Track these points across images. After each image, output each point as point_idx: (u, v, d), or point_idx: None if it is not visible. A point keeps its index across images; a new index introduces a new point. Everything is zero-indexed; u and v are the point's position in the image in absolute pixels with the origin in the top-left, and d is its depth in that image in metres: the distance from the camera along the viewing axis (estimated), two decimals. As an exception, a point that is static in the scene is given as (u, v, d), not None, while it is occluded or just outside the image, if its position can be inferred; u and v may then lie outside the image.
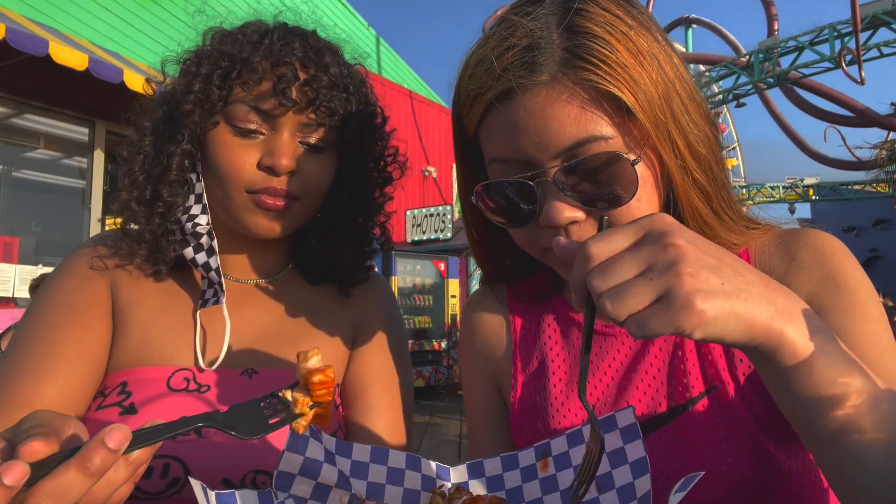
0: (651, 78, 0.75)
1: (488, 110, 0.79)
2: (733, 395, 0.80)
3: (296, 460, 0.73)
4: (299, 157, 1.02)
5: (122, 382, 0.98)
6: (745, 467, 0.77)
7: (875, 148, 14.97)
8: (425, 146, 14.53)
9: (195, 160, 1.04)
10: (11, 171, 7.49)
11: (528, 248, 0.86)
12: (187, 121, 1.01)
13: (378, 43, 15.14)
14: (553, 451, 0.78)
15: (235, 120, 1.00)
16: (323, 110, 1.01)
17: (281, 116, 1.00)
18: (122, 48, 7.88)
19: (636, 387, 0.86)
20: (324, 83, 1.01)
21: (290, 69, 0.99)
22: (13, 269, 6.53)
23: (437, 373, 10.90)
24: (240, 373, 1.02)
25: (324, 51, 1.05)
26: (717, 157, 0.84)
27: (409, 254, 11.56)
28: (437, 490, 0.77)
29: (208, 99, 1.00)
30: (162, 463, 0.89)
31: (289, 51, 1.01)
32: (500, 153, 0.80)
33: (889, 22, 11.01)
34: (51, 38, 5.96)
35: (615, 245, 0.58)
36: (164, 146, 1.03)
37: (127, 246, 1.04)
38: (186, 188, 1.05)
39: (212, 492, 0.64)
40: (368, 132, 1.12)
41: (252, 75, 0.99)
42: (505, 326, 1.03)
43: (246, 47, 1.01)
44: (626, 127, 0.75)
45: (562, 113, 0.74)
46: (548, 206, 0.77)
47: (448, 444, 6.87)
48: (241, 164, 0.99)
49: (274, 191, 0.99)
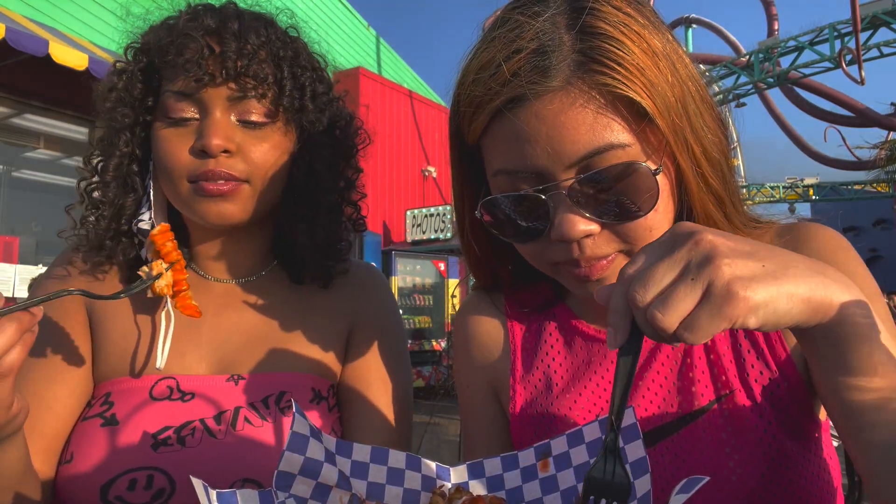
0: (667, 80, 0.71)
1: (495, 118, 0.74)
2: (744, 403, 0.79)
3: (296, 460, 0.73)
4: (236, 135, 0.97)
5: (106, 393, 0.97)
6: (754, 476, 0.76)
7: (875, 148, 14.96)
8: (425, 146, 14.51)
9: (146, 162, 1.03)
10: (11, 171, 7.49)
11: (536, 262, 0.82)
12: (116, 122, 0.99)
13: (378, 43, 15.13)
14: (553, 451, 0.78)
15: (167, 111, 0.97)
16: (245, 79, 0.96)
17: (203, 94, 0.95)
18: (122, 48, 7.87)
19: (643, 395, 0.85)
20: (235, 49, 0.95)
21: (196, 43, 0.94)
22: (13, 269, 6.53)
23: (437, 373, 10.89)
24: (226, 379, 1.00)
25: (234, 18, 0.99)
26: (729, 160, 0.81)
27: (409, 254, 11.55)
28: (437, 490, 0.77)
29: (131, 95, 0.98)
30: (146, 475, 0.88)
31: (195, 25, 0.96)
32: (507, 164, 0.75)
33: (889, 22, 11.00)
34: (51, 38, 5.96)
35: (649, 259, 0.56)
36: (107, 150, 1.02)
37: (86, 255, 1.03)
38: (134, 192, 1.03)
39: (213, 491, 0.64)
40: (311, 99, 1.04)
41: (164, 58, 0.96)
42: (503, 333, 0.99)
43: (160, 32, 0.99)
44: (643, 133, 0.71)
45: (576, 120, 0.69)
46: (560, 220, 0.72)
47: (448, 444, 6.87)
48: (176, 153, 0.95)
49: (212, 174, 0.94)
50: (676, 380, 0.83)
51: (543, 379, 0.93)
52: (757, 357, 0.81)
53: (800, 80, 13.70)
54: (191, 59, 0.93)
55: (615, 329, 0.58)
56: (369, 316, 1.13)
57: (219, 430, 0.94)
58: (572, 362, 0.92)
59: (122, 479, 0.88)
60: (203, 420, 0.94)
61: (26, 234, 7.31)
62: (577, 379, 0.90)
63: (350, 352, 1.11)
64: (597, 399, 0.88)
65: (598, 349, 0.90)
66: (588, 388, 0.88)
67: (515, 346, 0.97)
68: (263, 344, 1.04)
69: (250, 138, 0.98)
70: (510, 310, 1.00)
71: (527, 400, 0.93)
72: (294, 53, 1.03)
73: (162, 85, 0.99)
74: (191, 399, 0.96)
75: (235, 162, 0.96)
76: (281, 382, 1.02)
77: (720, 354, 0.82)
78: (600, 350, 0.89)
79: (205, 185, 0.95)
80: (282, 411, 0.98)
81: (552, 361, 0.93)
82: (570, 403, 0.88)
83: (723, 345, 0.82)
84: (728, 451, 0.77)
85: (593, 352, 0.90)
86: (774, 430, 0.77)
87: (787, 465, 0.77)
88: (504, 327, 1.00)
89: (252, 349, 1.04)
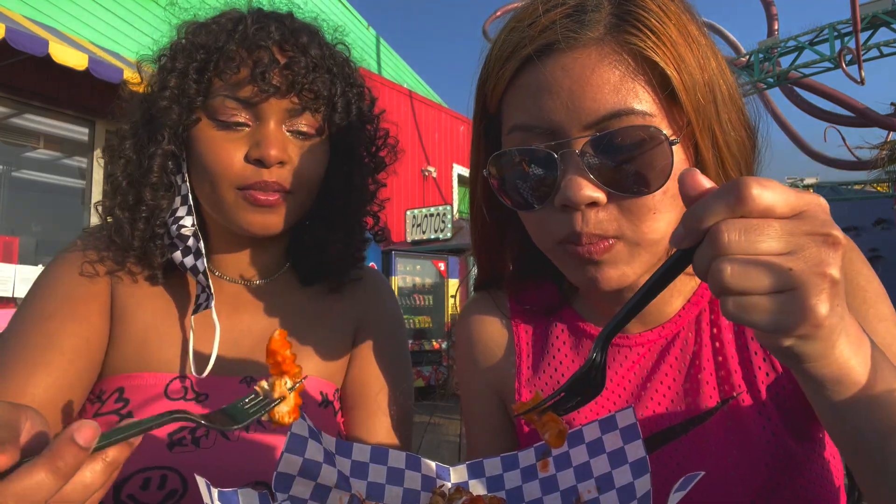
0: (698, 62, 0.71)
1: (521, 69, 0.74)
2: (750, 405, 0.78)
3: (295, 461, 0.73)
4: (289, 146, 0.97)
5: (119, 388, 0.95)
6: (760, 479, 0.76)
7: (875, 148, 14.93)
8: (425, 146, 14.51)
9: (180, 160, 1.00)
10: (11, 171, 7.48)
11: (540, 240, 0.80)
12: (165, 119, 0.96)
13: (378, 43, 15.11)
14: (553, 451, 0.78)
15: (217, 114, 0.95)
16: (306, 93, 0.96)
17: (263, 104, 0.95)
18: (122, 48, 7.86)
19: (651, 397, 0.84)
20: (304, 65, 0.95)
21: (267, 53, 0.94)
22: (13, 269, 6.52)
23: (437, 373, 10.88)
24: (239, 380, 1.00)
25: (301, 32, 1.00)
26: (750, 168, 0.79)
27: (409, 254, 11.54)
28: (437, 490, 0.77)
29: (185, 94, 0.96)
30: (160, 474, 0.88)
31: (264, 35, 0.96)
32: (524, 119, 0.74)
33: (889, 22, 10.99)
34: (51, 38, 5.95)
35: (776, 194, 0.47)
36: (145, 148, 0.99)
37: (115, 253, 1.00)
38: (171, 190, 1.01)
39: (214, 489, 0.64)
40: (357, 115, 1.06)
41: (229, 64, 0.94)
42: (507, 336, 0.97)
43: (221, 36, 0.97)
44: (667, 109, 0.71)
45: (602, 78, 0.69)
46: (567, 182, 0.70)
47: (448, 444, 6.86)
48: (227, 159, 0.94)
49: (265, 185, 0.94)
50: (685, 381, 0.83)
51: (551, 382, 0.92)
52: (763, 358, 0.80)
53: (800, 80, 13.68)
54: (259, 70, 0.93)
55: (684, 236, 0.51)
56: (375, 321, 1.14)
57: (231, 432, 0.94)
58: (580, 365, 0.90)
59: (136, 477, 0.87)
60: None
61: (26, 234, 7.30)
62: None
63: (355, 356, 1.11)
64: (605, 402, 0.87)
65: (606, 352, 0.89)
66: None
67: (521, 348, 0.96)
68: None
69: (299, 149, 0.99)
70: (515, 311, 0.98)
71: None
72: (346, 70, 1.05)
73: (213, 84, 0.97)
74: (205, 400, 0.96)
75: (286, 173, 0.96)
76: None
77: (728, 357, 0.81)
78: (609, 353, 0.87)
79: (256, 195, 0.95)
80: None
81: (559, 364, 0.92)
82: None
83: (731, 347, 0.82)
84: (734, 454, 0.77)
85: None
86: (779, 431, 0.77)
87: (792, 465, 0.76)
88: (508, 329, 0.98)
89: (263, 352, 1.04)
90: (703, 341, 0.83)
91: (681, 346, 0.84)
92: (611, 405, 0.86)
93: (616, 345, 0.88)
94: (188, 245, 0.99)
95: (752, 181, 0.47)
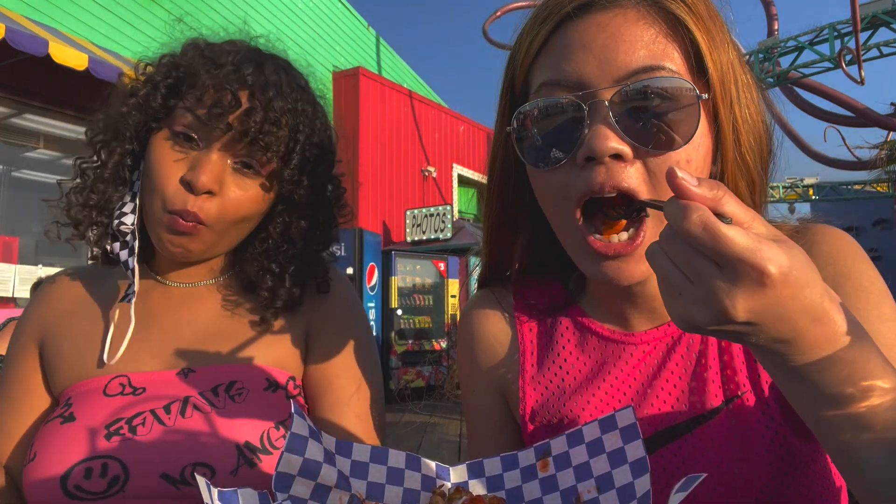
0: (724, 42, 0.75)
1: (556, 31, 0.75)
2: (753, 406, 0.78)
3: (295, 461, 0.73)
4: (226, 178, 1.00)
5: (67, 398, 1.02)
6: (763, 478, 0.76)
7: (875, 148, 14.95)
8: (425, 146, 14.52)
9: (139, 160, 1.06)
10: (11, 171, 7.49)
11: (557, 207, 0.79)
12: (128, 120, 1.02)
13: (378, 43, 15.12)
14: (553, 451, 0.78)
15: (174, 122, 1.00)
16: (256, 145, 0.99)
17: (214, 132, 0.98)
18: (122, 48, 7.87)
19: (656, 395, 0.83)
20: (261, 118, 0.98)
21: (230, 96, 0.98)
22: (13, 269, 6.53)
23: (437, 373, 10.89)
24: (176, 372, 1.03)
25: (275, 85, 1.02)
26: (765, 161, 0.81)
27: (409, 254, 11.55)
28: (437, 490, 0.77)
29: (149, 104, 1.01)
30: (100, 463, 0.91)
31: (235, 77, 0.99)
32: (553, 75, 0.75)
33: (889, 22, 10.99)
34: (51, 38, 5.96)
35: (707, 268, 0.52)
36: (109, 142, 1.05)
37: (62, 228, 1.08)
38: (125, 186, 1.07)
39: (214, 489, 0.64)
40: (310, 175, 1.07)
41: (193, 92, 0.99)
42: (510, 334, 0.96)
43: (201, 63, 1.01)
44: (694, 75, 0.73)
45: (635, 35, 0.72)
46: (593, 132, 0.70)
47: (448, 444, 6.87)
48: (166, 177, 0.98)
49: (187, 214, 0.97)
50: (690, 380, 0.83)
51: (555, 380, 0.91)
52: None
53: (800, 79, 13.69)
54: (216, 111, 0.97)
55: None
56: (327, 314, 1.13)
57: (168, 418, 0.96)
58: (585, 363, 0.90)
59: (78, 468, 0.91)
60: (153, 410, 0.97)
61: (26, 234, 7.30)
62: (591, 380, 0.88)
63: (311, 351, 1.11)
64: (610, 399, 0.86)
65: (612, 350, 0.88)
66: (602, 388, 0.87)
67: (525, 346, 0.95)
68: (216, 340, 1.07)
69: (233, 182, 1.01)
70: (518, 308, 0.97)
71: (538, 401, 0.91)
72: (310, 131, 1.07)
73: (182, 97, 1.01)
74: (142, 393, 1.00)
75: (212, 206, 0.99)
76: (231, 373, 1.03)
77: (733, 356, 0.81)
78: (615, 351, 0.88)
79: (177, 221, 0.98)
80: (232, 399, 0.99)
81: (564, 362, 0.91)
82: (583, 404, 0.87)
83: (736, 345, 0.82)
84: (737, 454, 0.77)
85: (608, 352, 0.88)
86: (783, 430, 0.77)
87: (795, 465, 0.76)
88: (512, 327, 0.97)
89: (204, 344, 1.07)
90: (708, 340, 0.83)
91: (687, 345, 0.84)
92: (616, 403, 0.86)
93: (622, 342, 0.87)
94: (126, 240, 1.04)
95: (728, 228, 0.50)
